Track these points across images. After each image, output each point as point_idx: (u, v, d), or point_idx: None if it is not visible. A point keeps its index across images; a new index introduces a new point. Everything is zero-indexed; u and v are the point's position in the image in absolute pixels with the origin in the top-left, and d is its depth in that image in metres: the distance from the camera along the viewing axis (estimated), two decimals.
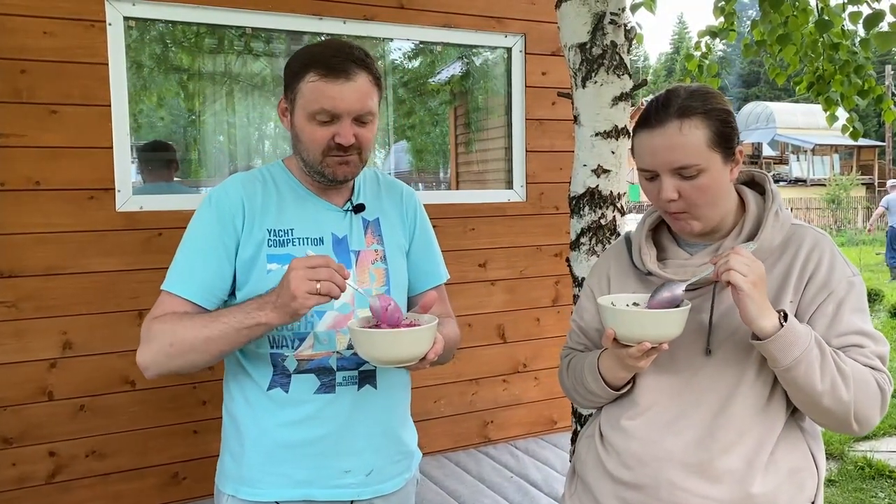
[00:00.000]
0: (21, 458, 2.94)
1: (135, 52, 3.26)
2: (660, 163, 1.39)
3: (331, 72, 1.46)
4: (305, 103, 1.48)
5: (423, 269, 1.73)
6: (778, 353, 1.30)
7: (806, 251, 1.42)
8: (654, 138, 1.40)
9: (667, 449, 1.42)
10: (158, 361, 1.46)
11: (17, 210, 2.89)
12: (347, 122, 1.48)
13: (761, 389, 1.40)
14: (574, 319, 1.68)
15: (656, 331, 1.32)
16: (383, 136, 4.24)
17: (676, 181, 1.39)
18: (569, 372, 1.62)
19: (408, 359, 1.39)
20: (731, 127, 1.41)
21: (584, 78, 2.33)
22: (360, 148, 1.53)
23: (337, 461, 1.56)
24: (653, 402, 1.46)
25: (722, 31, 3.98)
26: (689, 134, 1.37)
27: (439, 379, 3.65)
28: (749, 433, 1.39)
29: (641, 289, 1.51)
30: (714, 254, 1.45)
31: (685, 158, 1.37)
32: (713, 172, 1.39)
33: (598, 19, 2.30)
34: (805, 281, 1.40)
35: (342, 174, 1.54)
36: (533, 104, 3.90)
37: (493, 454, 3.73)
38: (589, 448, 1.57)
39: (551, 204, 3.96)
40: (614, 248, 1.66)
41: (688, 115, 1.37)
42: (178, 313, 1.48)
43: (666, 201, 1.40)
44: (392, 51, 4.02)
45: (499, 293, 3.86)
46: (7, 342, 2.90)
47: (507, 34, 3.84)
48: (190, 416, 3.20)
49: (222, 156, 3.86)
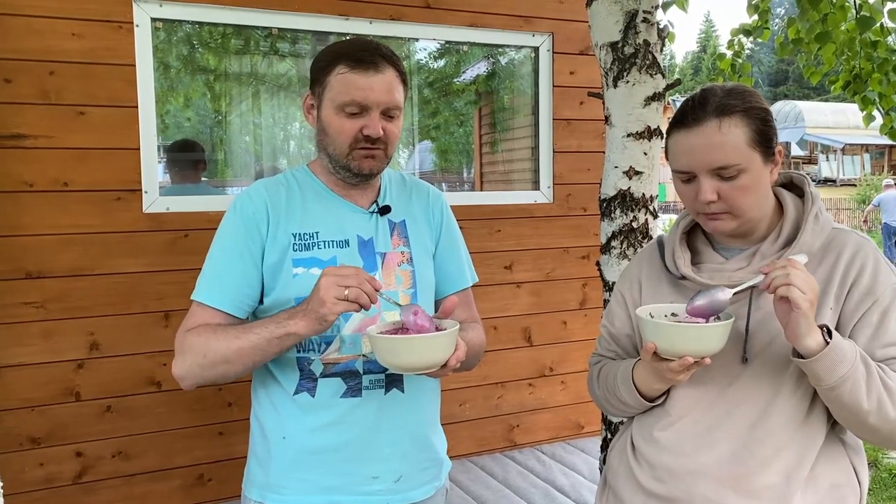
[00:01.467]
0: (48, 459, 2.95)
1: (162, 53, 3.27)
2: (698, 163, 1.34)
3: (360, 63, 1.46)
4: (334, 95, 1.49)
5: (448, 273, 1.70)
6: (823, 371, 1.24)
7: (848, 257, 1.36)
8: (692, 138, 1.34)
9: (700, 462, 1.37)
10: (193, 373, 1.48)
11: (45, 211, 2.90)
12: (376, 113, 1.48)
13: (800, 401, 1.34)
14: (604, 325, 1.62)
15: (700, 345, 1.27)
16: (408, 135, 4.22)
17: (715, 182, 1.34)
18: (599, 380, 1.57)
19: (428, 365, 1.36)
20: (770, 126, 1.36)
21: (615, 77, 2.28)
22: (387, 143, 1.52)
23: (364, 467, 1.54)
24: (685, 412, 1.41)
25: (756, 29, 3.89)
26: (728, 133, 1.31)
27: (464, 382, 3.61)
28: (788, 447, 1.33)
29: (674, 294, 1.46)
30: (751, 259, 1.39)
31: (725, 158, 1.32)
32: (753, 173, 1.33)
33: (630, 18, 2.25)
34: (847, 288, 1.34)
35: (368, 168, 1.53)
36: (560, 104, 3.85)
37: (519, 459, 3.68)
38: (621, 459, 1.53)
39: (579, 205, 3.90)
40: (646, 252, 1.61)
41: (727, 114, 1.32)
42: (211, 325, 1.48)
43: (704, 203, 1.35)
44: (418, 51, 4.00)
45: (525, 295, 3.81)
46: (35, 343, 2.92)
47: (534, 33, 3.79)
48: (215, 417, 3.20)
49: (248, 156, 3.86)
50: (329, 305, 1.32)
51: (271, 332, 1.40)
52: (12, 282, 2.87)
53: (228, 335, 1.44)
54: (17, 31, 2.83)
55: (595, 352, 1.65)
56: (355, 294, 1.31)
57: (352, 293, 1.31)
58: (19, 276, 2.88)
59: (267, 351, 1.42)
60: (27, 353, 2.90)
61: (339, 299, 1.31)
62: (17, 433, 2.90)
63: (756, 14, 3.84)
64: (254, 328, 1.43)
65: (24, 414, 2.91)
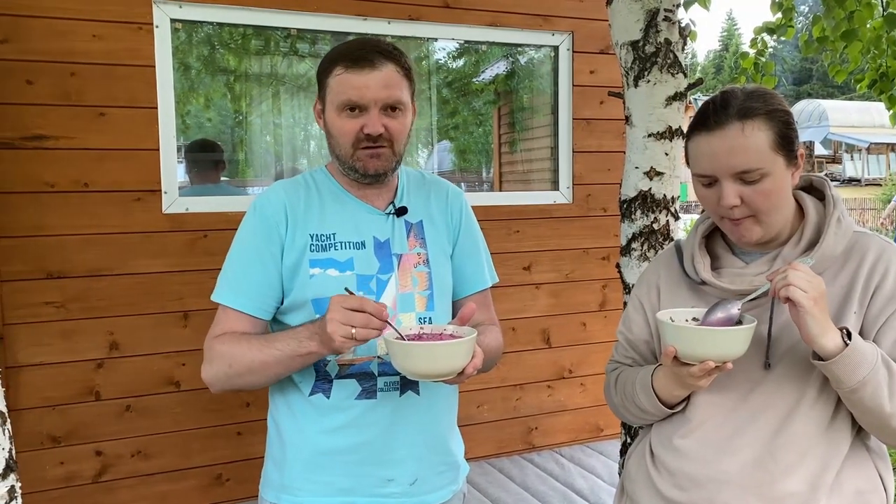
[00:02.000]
0: (68, 457, 2.97)
1: (182, 54, 3.28)
2: (720, 167, 1.32)
3: (356, 63, 1.46)
4: (334, 97, 1.49)
5: (466, 273, 1.68)
6: (842, 373, 1.22)
7: (871, 261, 1.33)
8: (714, 141, 1.32)
9: (723, 470, 1.34)
10: (220, 380, 1.52)
11: (66, 211, 2.92)
12: (375, 111, 1.47)
13: (824, 407, 1.32)
14: (621, 332, 1.60)
15: (721, 349, 1.25)
16: (426, 135, 4.20)
17: (738, 186, 1.31)
18: (617, 388, 1.54)
19: (444, 373, 1.35)
20: (792, 129, 1.33)
21: (636, 77, 2.25)
22: (392, 139, 1.51)
23: (379, 469, 1.53)
24: (706, 418, 1.39)
25: (779, 27, 3.83)
26: (751, 136, 1.29)
27: (482, 384, 3.59)
28: (812, 454, 1.31)
29: (694, 299, 1.44)
30: (772, 263, 1.37)
31: (748, 162, 1.29)
32: (776, 176, 1.31)
33: (651, 16, 2.21)
34: (871, 292, 1.32)
35: (373, 168, 1.52)
36: (580, 103, 3.82)
37: (537, 461, 3.65)
38: (639, 466, 1.50)
39: (599, 205, 3.87)
40: (664, 256, 1.59)
41: (750, 116, 1.30)
42: (237, 334, 1.50)
43: (727, 208, 1.32)
44: (437, 50, 3.98)
45: (543, 297, 3.78)
46: (55, 342, 2.94)
47: (554, 32, 3.76)
48: (233, 417, 3.20)
49: (268, 156, 3.87)
50: (338, 343, 1.33)
51: (294, 350, 1.42)
52: (33, 282, 2.89)
53: (252, 347, 1.46)
54: (39, 33, 2.85)
55: (612, 359, 1.63)
56: (363, 335, 1.32)
57: (359, 334, 1.32)
58: (40, 277, 2.90)
59: (290, 366, 1.46)
60: (48, 353, 2.93)
61: (345, 338, 1.32)
62: (37, 432, 2.92)
63: (780, 12, 3.78)
64: (277, 342, 1.44)
65: (45, 413, 2.93)
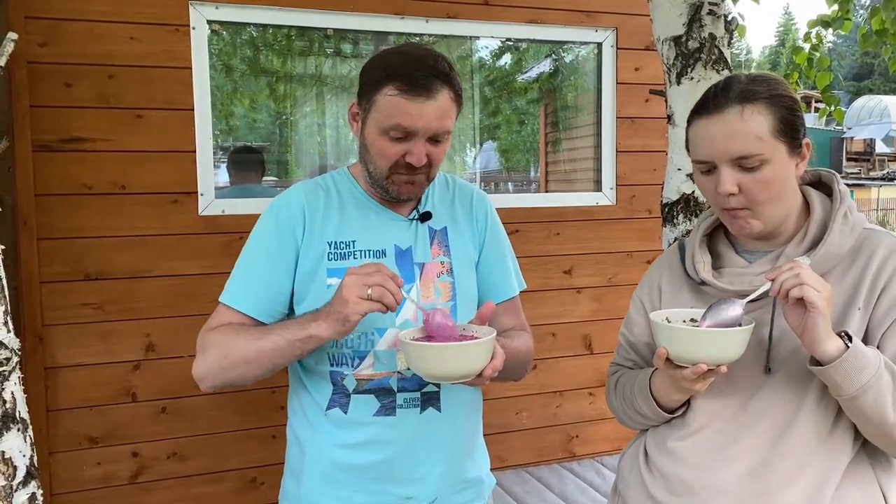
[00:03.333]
0: (106, 458, 2.99)
1: (221, 55, 3.28)
2: (718, 152, 1.25)
3: (412, 88, 1.35)
4: (380, 117, 1.38)
5: (493, 281, 1.61)
6: (842, 379, 1.15)
7: (880, 260, 1.25)
8: (712, 125, 1.26)
9: (718, 478, 1.28)
10: (213, 373, 1.43)
11: (103, 213, 2.94)
12: (422, 141, 1.38)
13: (824, 415, 1.24)
14: (622, 333, 1.54)
15: (714, 352, 1.18)
16: (471, 135, 4.13)
17: (736, 173, 1.25)
18: (617, 391, 1.48)
19: (461, 375, 1.27)
20: (797, 115, 1.26)
21: (678, 74, 2.15)
22: (430, 167, 1.43)
23: (398, 487, 1.47)
24: (704, 423, 1.32)
25: (835, 20, 3.64)
26: (750, 120, 1.23)
27: (521, 390, 3.51)
28: (811, 465, 1.24)
29: (696, 301, 1.37)
30: (775, 262, 1.30)
31: (746, 147, 1.23)
32: (777, 164, 1.24)
33: (694, 10, 2.10)
34: (878, 293, 1.24)
35: (406, 193, 1.46)
36: (624, 101, 3.70)
37: (577, 471, 3.55)
38: (632, 467, 1.44)
39: (643, 207, 3.74)
40: (667, 256, 1.53)
41: (750, 100, 1.24)
42: (234, 325, 1.44)
43: (724, 196, 1.26)
44: (479, 49, 3.91)
45: (585, 301, 3.68)
46: (93, 343, 2.96)
47: (597, 28, 3.65)
48: (268, 420, 3.18)
49: (309, 157, 3.85)
50: (352, 305, 1.25)
51: (293, 334, 1.35)
52: (72, 283, 2.92)
53: (250, 335, 1.39)
54: (77, 36, 2.87)
55: (614, 361, 1.57)
56: (379, 293, 1.24)
57: (375, 292, 1.24)
58: (78, 278, 2.92)
59: (287, 353, 1.37)
60: (86, 354, 2.95)
61: (362, 298, 1.25)
62: (75, 432, 2.95)
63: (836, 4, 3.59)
64: (275, 329, 1.38)
65: (83, 413, 2.95)
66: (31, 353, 2.84)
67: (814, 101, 25.21)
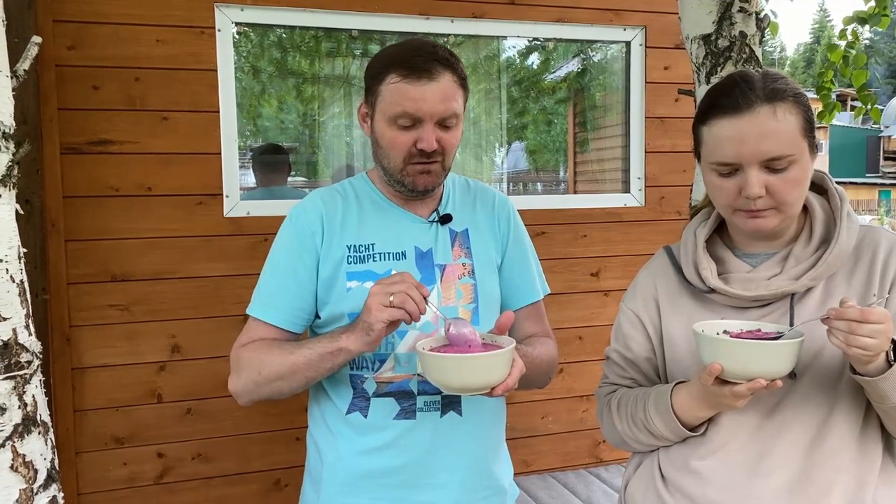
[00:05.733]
0: (131, 458, 3.01)
1: (249, 57, 3.28)
2: (748, 153, 1.20)
3: (412, 72, 1.35)
4: (386, 107, 1.39)
5: (517, 285, 1.58)
6: (891, 389, 1.11)
7: (884, 255, 1.24)
8: (742, 125, 1.20)
9: (755, 496, 1.22)
10: (249, 390, 1.45)
11: (130, 215, 2.96)
12: (430, 125, 1.37)
13: (856, 417, 1.20)
14: (615, 350, 1.45)
15: (775, 365, 1.13)
16: (499, 135, 4.10)
17: (763, 175, 1.20)
18: (620, 412, 1.39)
19: (479, 387, 1.24)
20: (812, 113, 1.25)
21: (708, 73, 2.10)
22: (444, 154, 1.41)
23: (418, 494, 1.46)
24: (729, 437, 1.27)
25: (872, 16, 3.54)
26: (783, 120, 1.19)
27: (547, 395, 3.47)
28: (848, 470, 1.19)
29: (699, 309, 1.32)
30: (783, 263, 1.26)
31: (779, 148, 1.19)
32: (803, 164, 1.22)
33: (725, 8, 2.05)
34: (889, 286, 1.22)
35: (423, 184, 1.43)
36: (653, 101, 3.64)
37: (604, 476, 3.50)
38: (647, 492, 1.36)
39: (673, 209, 3.68)
40: (656, 266, 1.46)
41: (780, 99, 1.20)
42: (266, 340, 1.44)
43: (752, 199, 1.21)
44: (505, 49, 3.87)
45: (613, 305, 3.62)
46: (119, 344, 2.98)
47: (625, 27, 3.60)
48: (292, 422, 3.18)
49: (337, 158, 3.85)
50: (375, 313, 1.25)
51: (323, 348, 1.35)
52: (99, 284, 2.94)
53: (283, 351, 1.40)
54: (104, 39, 2.89)
55: (605, 381, 1.48)
56: (401, 299, 1.23)
57: (397, 298, 1.23)
58: (105, 280, 2.94)
59: (320, 367, 1.37)
60: (112, 355, 2.97)
61: (384, 306, 1.24)
62: (102, 432, 2.97)
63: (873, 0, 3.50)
64: (307, 344, 1.38)
65: (109, 414, 2.97)
66: (58, 355, 2.87)
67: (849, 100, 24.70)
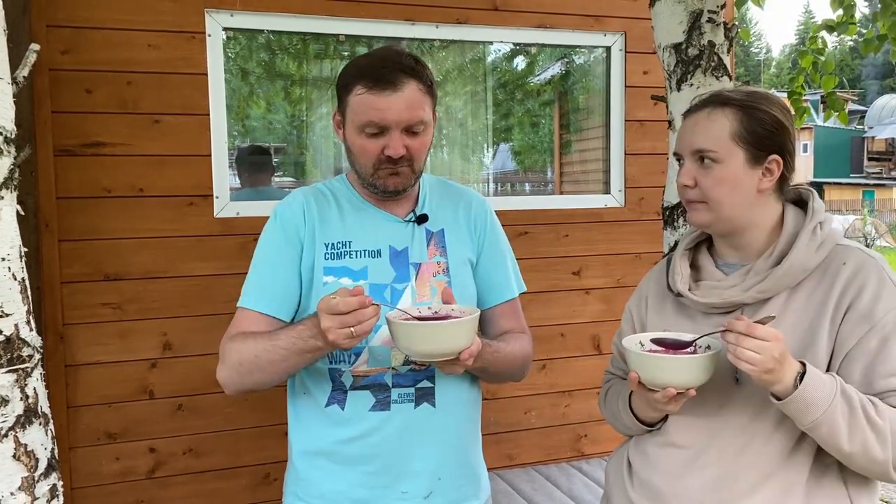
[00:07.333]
0: (123, 453, 3.08)
1: (238, 59, 3.35)
2: (684, 144, 1.37)
3: (377, 83, 1.43)
4: (354, 116, 1.48)
5: (492, 283, 1.67)
6: (794, 414, 1.19)
7: (846, 276, 1.26)
8: (686, 122, 1.38)
9: (686, 486, 1.33)
10: (233, 379, 1.54)
11: (123, 216, 3.02)
12: (396, 133, 1.46)
13: (789, 428, 1.26)
14: (615, 343, 1.62)
15: (680, 377, 1.24)
16: (485, 137, 4.18)
17: (695, 167, 1.34)
18: (607, 401, 1.56)
19: (445, 353, 1.34)
20: (770, 132, 1.30)
21: (679, 80, 2.19)
22: (412, 159, 1.50)
23: (393, 481, 1.54)
24: (678, 432, 1.38)
25: (840, 24, 3.65)
26: (715, 120, 1.32)
27: (530, 390, 3.56)
28: (775, 476, 1.27)
29: (678, 313, 1.43)
30: (745, 276, 1.33)
31: (702, 142, 1.33)
32: (730, 167, 1.31)
33: (694, 18, 2.15)
34: (844, 310, 1.25)
35: (393, 185, 1.52)
36: (633, 104, 3.74)
37: (585, 469, 3.59)
38: (617, 472, 1.51)
39: (652, 209, 3.77)
40: (656, 268, 1.58)
41: (722, 105, 1.33)
42: (247, 333, 1.51)
43: (681, 186, 1.36)
44: (490, 53, 3.96)
45: (594, 302, 3.72)
46: (112, 342, 3.04)
47: (605, 33, 3.70)
48: (281, 418, 3.18)
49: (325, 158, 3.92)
50: (346, 346, 1.34)
51: (300, 347, 1.41)
52: (92, 283, 3.00)
53: (258, 345, 1.46)
54: (97, 44, 2.96)
55: (607, 370, 1.64)
56: (362, 330, 1.31)
57: (358, 330, 1.31)
58: (98, 279, 3.01)
59: (298, 362, 1.45)
60: (105, 352, 3.04)
61: (349, 339, 1.32)
62: (95, 428, 3.03)
63: (841, 8, 3.61)
64: (279, 340, 1.44)
65: (102, 410, 3.04)
66: (52, 352, 2.93)
67: None
